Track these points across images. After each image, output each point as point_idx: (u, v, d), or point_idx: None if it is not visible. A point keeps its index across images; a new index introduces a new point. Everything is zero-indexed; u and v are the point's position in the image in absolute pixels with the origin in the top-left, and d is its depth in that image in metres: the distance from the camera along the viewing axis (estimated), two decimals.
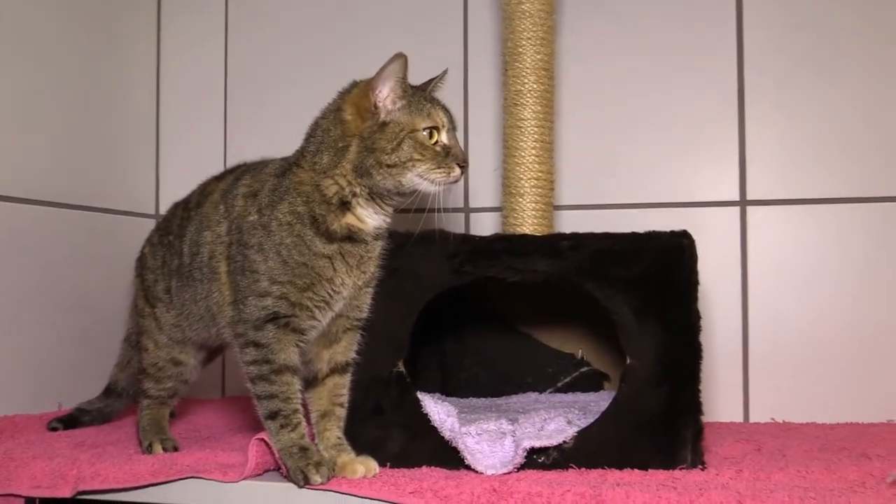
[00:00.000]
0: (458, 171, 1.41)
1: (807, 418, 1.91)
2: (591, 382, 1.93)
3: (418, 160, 1.39)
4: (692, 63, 2.02)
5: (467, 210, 2.11)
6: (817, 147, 1.96)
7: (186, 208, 1.66)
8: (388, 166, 1.39)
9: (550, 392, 1.92)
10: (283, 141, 2.19)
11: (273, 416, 1.44)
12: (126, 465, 1.49)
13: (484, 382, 1.94)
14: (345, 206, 1.43)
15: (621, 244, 1.46)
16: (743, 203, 1.98)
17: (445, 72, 1.49)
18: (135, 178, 2.25)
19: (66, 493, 1.48)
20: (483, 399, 1.90)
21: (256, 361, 1.44)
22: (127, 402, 1.91)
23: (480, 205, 2.11)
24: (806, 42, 1.97)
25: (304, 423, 1.45)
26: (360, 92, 1.42)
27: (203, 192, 1.64)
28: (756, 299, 1.97)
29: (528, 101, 1.69)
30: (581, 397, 1.88)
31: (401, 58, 1.38)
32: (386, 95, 1.40)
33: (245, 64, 2.30)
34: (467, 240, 1.51)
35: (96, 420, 1.87)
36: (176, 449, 1.62)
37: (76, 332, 2.03)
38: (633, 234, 1.47)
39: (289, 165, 1.48)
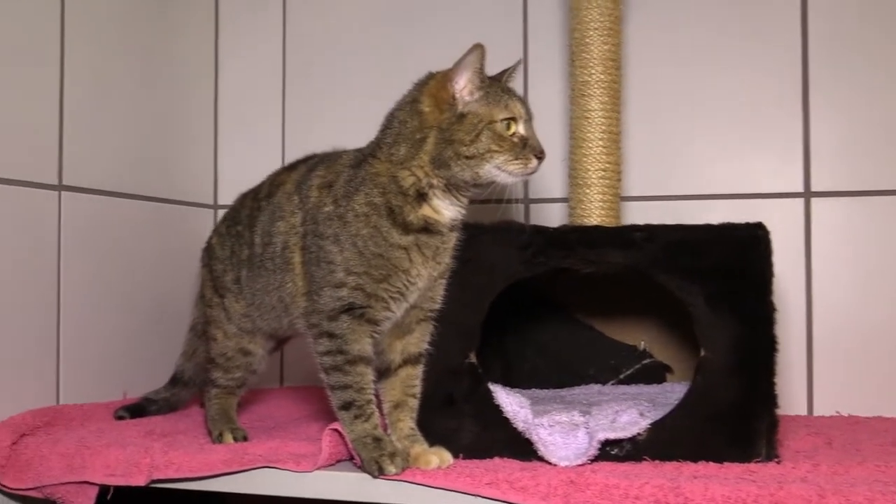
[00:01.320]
0: (535, 162, 1.40)
1: (872, 412, 1.89)
2: (653, 374, 1.92)
3: (496, 151, 1.39)
4: (756, 53, 2.00)
5: (527, 201, 2.11)
6: (883, 138, 1.93)
7: (256, 198, 1.66)
8: (467, 157, 1.39)
9: (613, 384, 1.92)
10: (341, 131, 2.19)
11: (347, 406, 1.44)
12: (199, 454, 1.51)
13: (546, 374, 1.94)
14: (421, 197, 1.43)
15: (696, 235, 1.45)
16: (807, 195, 1.96)
17: (519, 62, 1.49)
18: (194, 169, 2.26)
19: (141, 481, 1.50)
20: (545, 390, 1.89)
21: (330, 352, 1.45)
22: (193, 391, 1.92)
23: (541, 196, 2.10)
24: (870, 32, 1.94)
25: (377, 414, 1.46)
26: (437, 83, 1.42)
27: (274, 182, 1.64)
28: (820, 292, 1.95)
29: (595, 92, 1.68)
30: (644, 389, 1.87)
31: (478, 49, 1.38)
32: (463, 86, 1.40)
33: (303, 54, 2.31)
34: (540, 231, 1.50)
35: (163, 409, 1.88)
36: (245, 438, 1.63)
37: (140, 322, 2.05)
38: (708, 226, 1.45)
39: (364, 156, 1.48)
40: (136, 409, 1.85)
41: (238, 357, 1.70)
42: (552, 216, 2.08)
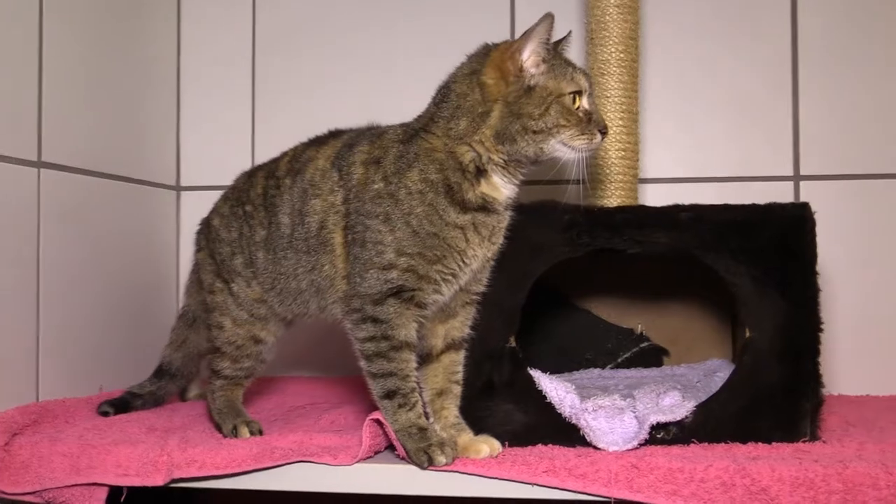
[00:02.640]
0: (599, 137, 1.36)
1: (858, 391, 1.94)
2: (651, 358, 1.91)
3: (564, 126, 1.34)
4: (748, 36, 2.02)
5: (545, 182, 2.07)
6: (871, 122, 1.98)
7: (273, 176, 1.56)
8: (534, 132, 1.34)
9: (611, 368, 1.90)
10: (313, 112, 2.14)
11: (390, 395, 1.37)
12: (223, 451, 1.40)
13: (544, 358, 1.90)
14: (480, 173, 1.37)
15: (743, 216, 1.44)
16: (797, 178, 1.99)
17: (570, 33, 1.44)
18: (157, 150, 2.13)
19: (159, 481, 1.39)
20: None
21: (374, 338, 1.37)
22: (181, 383, 1.81)
23: (558, 176, 2.07)
24: (859, 18, 1.99)
25: (420, 403, 1.39)
26: (502, 54, 1.35)
27: (298, 158, 1.54)
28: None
29: (614, 71, 1.65)
30: (644, 373, 1.86)
31: (549, 18, 1.32)
32: (529, 57, 1.34)
33: (274, 33, 2.20)
34: (584, 210, 1.46)
35: (148, 404, 1.76)
36: (261, 432, 1.53)
37: (111, 311, 1.91)
38: (754, 206, 1.45)
39: (415, 131, 1.41)
40: (121, 404, 1.72)
41: (249, 345, 1.60)
42: (563, 198, 2.05)
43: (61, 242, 1.74)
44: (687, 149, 2.04)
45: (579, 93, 1.35)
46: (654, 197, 2.00)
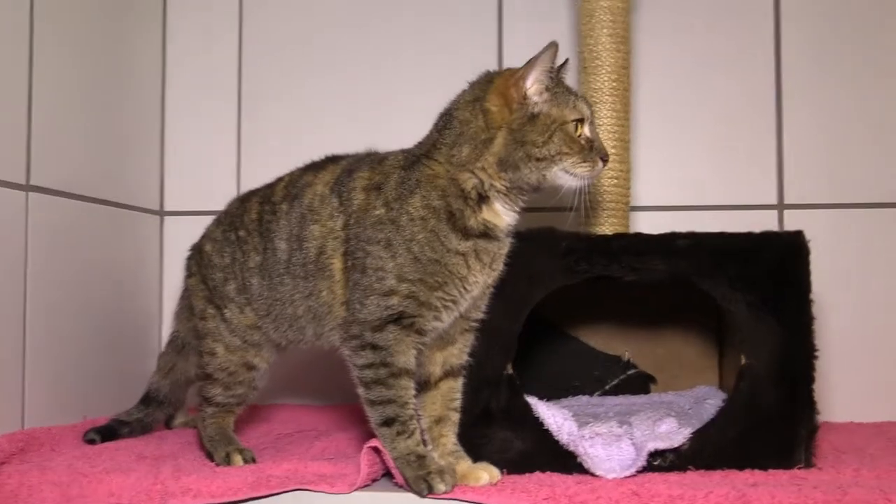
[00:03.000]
0: (601, 164, 1.37)
1: (843, 418, 1.96)
2: (638, 385, 1.91)
3: (566, 153, 1.35)
4: (732, 64, 2.05)
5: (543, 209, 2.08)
6: (855, 151, 2.01)
7: (268, 202, 1.54)
8: (538, 159, 1.34)
9: (598, 395, 1.90)
10: (304, 135, 2.13)
11: (389, 422, 1.36)
12: (217, 479, 1.38)
13: (531, 386, 1.89)
14: (482, 200, 1.37)
15: (739, 243, 1.45)
16: (780, 206, 2.01)
17: (567, 60, 1.44)
18: (139, 173, 2.10)
19: None
20: None
21: (373, 365, 1.36)
22: (168, 411, 1.78)
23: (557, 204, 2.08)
24: (842, 45, 2.02)
25: (419, 430, 1.38)
26: (506, 82, 1.36)
27: (295, 183, 1.53)
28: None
29: (606, 100, 1.67)
30: (631, 399, 1.86)
31: (553, 47, 1.33)
32: (533, 85, 1.35)
33: (258, 60, 2.19)
34: (582, 238, 1.47)
35: (136, 431, 1.74)
36: (254, 460, 1.51)
37: (95, 336, 1.88)
38: (750, 234, 1.46)
39: (417, 157, 1.41)
40: (108, 432, 1.69)
41: (241, 372, 1.58)
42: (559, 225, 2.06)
43: (48, 267, 1.71)
44: (675, 177, 2.05)
45: (581, 120, 1.36)
46: (643, 224, 2.01)
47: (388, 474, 1.40)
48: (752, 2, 2.05)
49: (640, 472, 1.39)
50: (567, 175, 1.36)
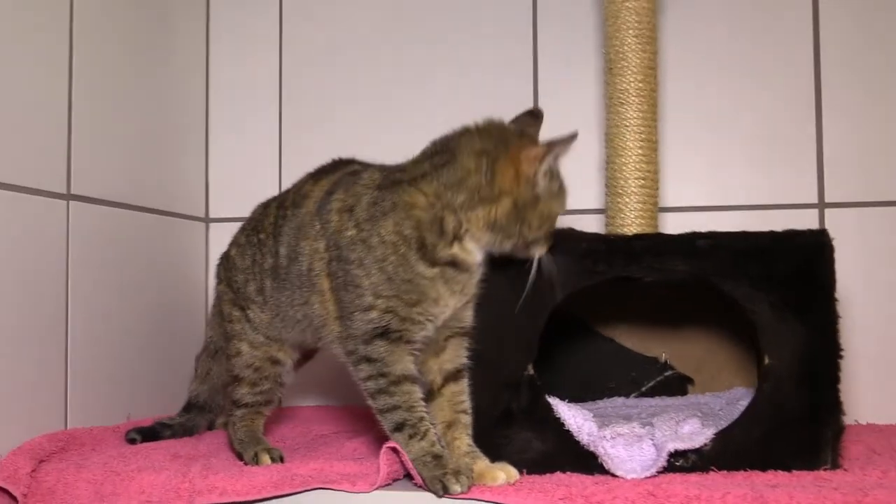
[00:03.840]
0: (547, 247, 1.42)
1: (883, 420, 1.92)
2: (675, 387, 1.90)
3: (544, 240, 1.41)
4: (770, 62, 2.03)
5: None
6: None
7: (282, 206, 1.59)
8: (525, 238, 1.39)
9: (635, 396, 1.89)
10: (340, 141, 2.16)
11: (399, 427, 1.39)
12: (243, 478, 1.42)
13: (566, 387, 1.88)
14: (456, 239, 1.39)
15: (761, 243, 1.44)
16: (821, 205, 1.98)
17: (574, 135, 1.38)
18: (186, 181, 2.16)
19: None
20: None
21: (372, 377, 1.40)
22: (209, 416, 1.83)
23: (572, 207, 2.08)
24: (882, 40, 1.99)
25: (433, 431, 1.40)
26: (525, 156, 1.36)
27: (300, 192, 1.58)
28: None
29: (633, 101, 1.67)
30: (668, 401, 1.85)
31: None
32: (544, 168, 1.36)
33: (299, 64, 2.24)
34: (601, 238, 1.48)
35: (177, 434, 1.78)
36: (282, 459, 1.55)
37: (140, 341, 1.94)
38: (773, 233, 1.45)
39: (398, 181, 1.42)
40: (149, 433, 1.74)
41: (266, 367, 1.62)
42: (584, 227, 2.05)
43: (90, 273, 1.77)
44: (710, 177, 2.04)
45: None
46: (676, 225, 1.98)
47: (409, 475, 1.42)
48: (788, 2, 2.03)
49: (660, 472, 1.39)
50: (533, 253, 1.41)
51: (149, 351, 1.96)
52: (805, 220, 1.98)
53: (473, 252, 1.41)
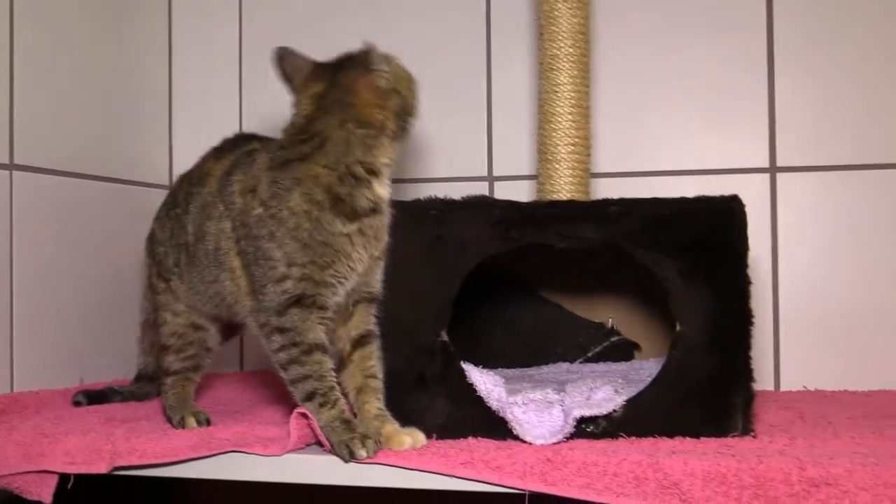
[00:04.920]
0: None
1: (839, 386, 1.90)
2: (621, 352, 1.90)
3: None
4: (721, 25, 2.00)
5: (491, 179, 2.08)
6: (848, 112, 1.94)
7: (190, 183, 1.64)
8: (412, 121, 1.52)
9: (581, 362, 1.90)
10: None
11: (310, 397, 1.41)
12: (163, 440, 1.45)
13: (513, 353, 1.92)
14: (373, 174, 1.45)
15: (671, 209, 1.43)
16: (773, 170, 1.96)
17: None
18: (149, 149, 2.20)
19: (102, 468, 1.44)
20: (514, 370, 1.87)
21: (285, 346, 1.42)
22: (159, 386, 1.87)
23: (504, 173, 2.08)
24: (836, 4, 1.95)
25: (342, 400, 1.42)
26: (364, 84, 1.47)
27: (202, 169, 1.62)
28: (786, 267, 1.95)
29: (563, 66, 1.65)
30: (612, 367, 1.85)
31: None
32: (382, 73, 1.49)
33: (260, 30, 2.26)
34: (514, 206, 1.48)
35: (127, 400, 1.82)
36: (209, 422, 1.58)
37: (95, 306, 1.98)
38: (683, 199, 1.44)
39: (287, 160, 1.46)
40: (97, 396, 1.79)
41: (190, 333, 1.66)
42: (516, 194, 2.05)
43: (37, 240, 1.81)
44: (659, 141, 2.03)
45: None
46: (619, 191, 1.98)
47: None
48: None
49: (569, 438, 1.40)
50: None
51: (105, 318, 2.00)
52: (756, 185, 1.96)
53: (387, 185, 1.47)
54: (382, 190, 1.46)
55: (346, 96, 1.45)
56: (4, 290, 1.74)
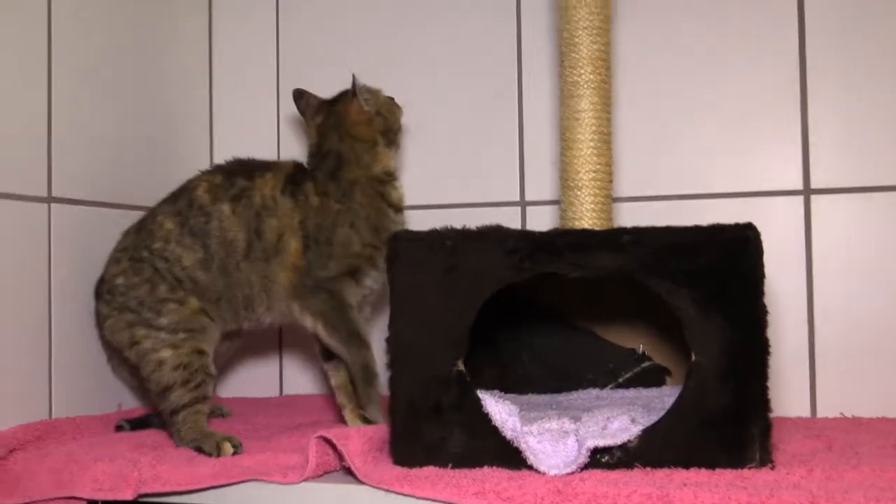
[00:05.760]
0: None
1: (877, 413, 1.85)
2: (652, 377, 1.89)
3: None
4: (752, 48, 1.98)
5: (523, 203, 2.09)
6: (883, 133, 1.90)
7: (186, 212, 1.79)
8: (398, 131, 1.95)
9: (612, 388, 1.89)
10: None
11: (350, 337, 1.74)
12: (187, 468, 1.49)
13: (543, 379, 1.91)
14: (393, 178, 1.87)
15: (684, 238, 1.42)
16: (807, 192, 1.92)
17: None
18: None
19: (128, 495, 1.49)
20: (543, 396, 1.87)
21: (328, 301, 1.75)
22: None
23: (537, 198, 2.08)
24: (869, 25, 1.91)
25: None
26: (351, 110, 1.87)
27: (214, 193, 1.80)
28: (821, 291, 1.92)
29: (584, 93, 1.65)
30: (643, 393, 1.84)
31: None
32: (366, 99, 1.87)
33: (297, 60, 2.30)
34: (527, 235, 1.48)
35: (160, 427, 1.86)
36: (241, 447, 1.61)
37: None
38: (696, 228, 1.42)
39: (327, 171, 1.85)
40: (139, 422, 1.83)
41: (195, 360, 1.72)
42: (549, 218, 2.06)
43: (74, 270, 1.87)
44: (690, 165, 2.02)
45: None
46: (647, 215, 1.97)
47: (344, 468, 1.47)
48: None
49: (584, 468, 1.40)
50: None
51: None
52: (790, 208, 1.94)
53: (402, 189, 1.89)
54: (402, 192, 1.86)
55: (340, 120, 1.84)
56: (43, 319, 1.79)
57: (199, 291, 1.75)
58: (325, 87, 1.90)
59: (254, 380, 2.27)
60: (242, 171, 1.83)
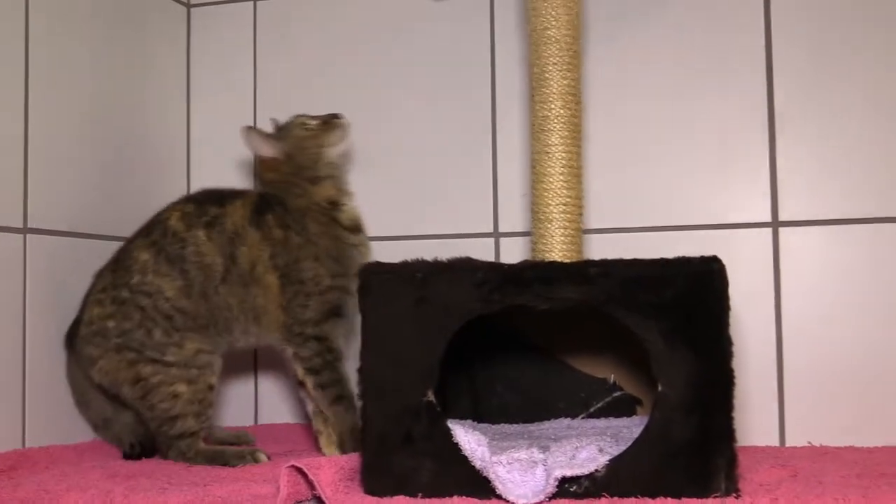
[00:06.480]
0: None
1: (846, 441, 1.88)
2: (624, 407, 1.91)
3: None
4: (719, 82, 2.02)
5: (497, 235, 2.11)
6: (851, 165, 1.94)
7: (161, 242, 1.79)
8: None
9: (583, 417, 1.91)
10: None
11: (339, 399, 1.74)
12: (159, 497, 1.49)
13: (516, 408, 1.93)
14: (342, 198, 1.89)
15: (651, 270, 1.44)
16: (775, 224, 1.96)
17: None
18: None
19: None
20: (515, 426, 1.88)
21: (320, 352, 1.75)
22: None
23: (510, 230, 2.11)
24: (836, 57, 1.95)
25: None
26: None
27: (188, 221, 1.81)
28: (790, 323, 1.95)
29: (555, 127, 1.68)
30: (613, 422, 1.86)
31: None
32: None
33: (274, 77, 2.34)
34: (496, 268, 1.50)
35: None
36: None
37: None
38: (663, 260, 1.45)
39: (275, 201, 1.86)
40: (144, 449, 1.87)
41: (208, 396, 1.77)
42: (522, 249, 2.09)
43: (48, 300, 1.88)
44: (659, 198, 2.05)
45: None
46: (617, 247, 2.00)
47: (316, 498, 1.47)
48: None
49: (552, 498, 1.41)
50: None
51: None
52: (758, 240, 1.97)
53: (356, 209, 1.90)
54: (354, 212, 1.87)
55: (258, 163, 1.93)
56: (17, 349, 1.80)
57: (190, 325, 1.76)
58: (303, 112, 1.93)
59: (228, 406, 2.27)
60: (213, 200, 1.85)
